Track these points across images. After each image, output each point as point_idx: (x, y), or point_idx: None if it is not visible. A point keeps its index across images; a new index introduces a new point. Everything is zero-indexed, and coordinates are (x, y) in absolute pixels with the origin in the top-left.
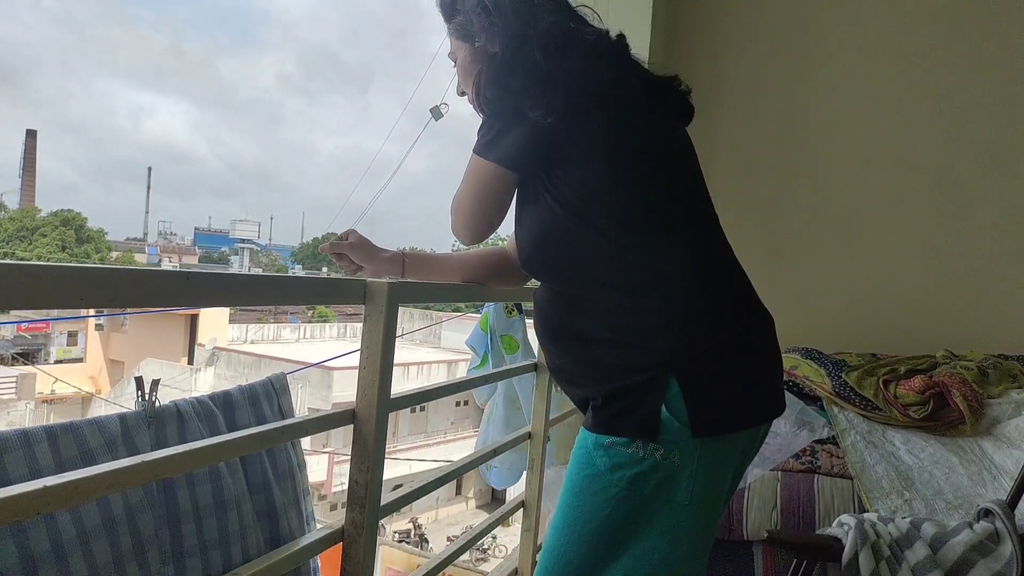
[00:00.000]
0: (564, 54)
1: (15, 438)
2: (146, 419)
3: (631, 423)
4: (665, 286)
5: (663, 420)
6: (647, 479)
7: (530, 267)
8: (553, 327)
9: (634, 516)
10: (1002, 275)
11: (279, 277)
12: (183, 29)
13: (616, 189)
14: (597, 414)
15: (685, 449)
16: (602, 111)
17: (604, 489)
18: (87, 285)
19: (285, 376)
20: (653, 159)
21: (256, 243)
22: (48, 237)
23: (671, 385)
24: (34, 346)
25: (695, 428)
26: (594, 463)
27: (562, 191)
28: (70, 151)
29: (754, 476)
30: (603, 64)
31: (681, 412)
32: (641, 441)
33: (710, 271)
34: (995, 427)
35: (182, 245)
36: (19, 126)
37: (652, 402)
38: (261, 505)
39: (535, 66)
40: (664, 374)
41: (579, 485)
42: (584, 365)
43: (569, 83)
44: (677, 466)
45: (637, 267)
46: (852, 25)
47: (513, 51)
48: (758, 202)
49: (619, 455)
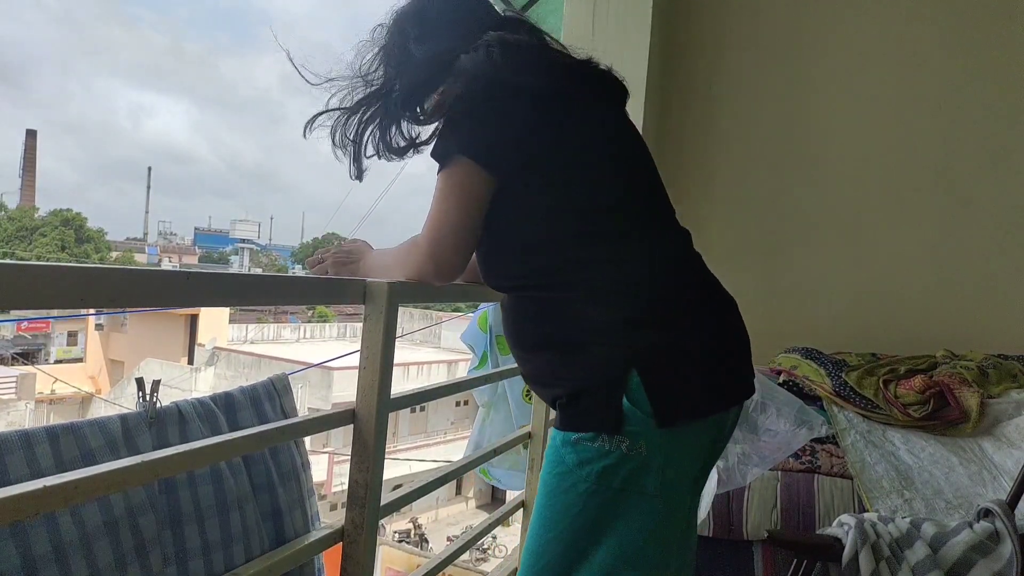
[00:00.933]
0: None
1: (16, 439)
2: (147, 420)
3: (595, 418)
4: (625, 285)
5: (626, 412)
6: (615, 472)
7: (492, 279)
8: (520, 334)
9: (607, 510)
10: (1002, 275)
11: (279, 277)
12: (183, 29)
13: (572, 196)
14: (563, 412)
15: (651, 440)
16: (566, 116)
17: (574, 485)
18: (87, 285)
19: (287, 376)
20: (607, 161)
21: (256, 243)
22: (48, 237)
23: (632, 378)
24: (34, 346)
25: (659, 418)
26: (563, 460)
27: (520, 202)
28: (70, 151)
29: (754, 476)
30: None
31: (644, 403)
32: (606, 435)
33: (668, 266)
34: (995, 427)
35: (182, 245)
36: (19, 126)
37: (615, 396)
38: (265, 505)
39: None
40: (625, 368)
41: (551, 484)
42: (551, 367)
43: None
44: (644, 457)
45: (597, 270)
46: (852, 25)
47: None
48: (758, 202)
49: (586, 450)
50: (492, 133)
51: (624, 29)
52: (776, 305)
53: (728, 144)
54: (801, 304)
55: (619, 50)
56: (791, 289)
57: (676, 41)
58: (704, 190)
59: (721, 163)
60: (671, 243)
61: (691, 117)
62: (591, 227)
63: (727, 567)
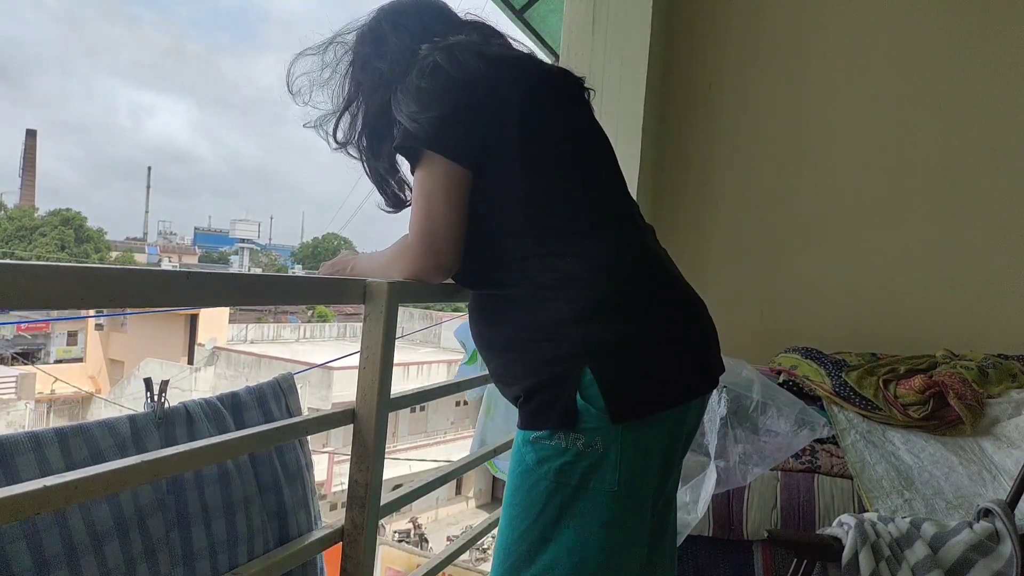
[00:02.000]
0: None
1: (26, 441)
2: (155, 420)
3: (550, 415)
4: (580, 281)
5: (580, 409)
6: (572, 469)
7: (461, 277)
8: (483, 334)
9: (566, 507)
10: (1002, 275)
11: (279, 277)
12: (184, 28)
13: (536, 189)
14: (522, 411)
15: (606, 435)
16: (512, 116)
17: (535, 484)
18: (87, 285)
19: (292, 376)
20: (574, 155)
21: (256, 243)
22: (48, 237)
23: (585, 374)
24: (34, 346)
25: (612, 414)
26: (524, 460)
27: (484, 198)
28: (71, 151)
29: (754, 475)
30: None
31: (597, 399)
32: (562, 432)
33: (625, 263)
34: (995, 427)
35: (182, 245)
36: (20, 125)
37: (568, 393)
38: (271, 506)
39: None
40: (578, 364)
41: (514, 483)
42: (511, 366)
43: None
44: (600, 453)
45: (553, 265)
46: (852, 25)
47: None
48: (758, 202)
49: (544, 448)
50: (456, 128)
51: (624, 29)
52: (776, 305)
53: (728, 144)
54: (801, 304)
55: (619, 50)
56: (791, 289)
57: (676, 41)
58: (704, 190)
59: (721, 163)
60: (625, 239)
61: (691, 117)
62: (541, 223)
63: (727, 567)
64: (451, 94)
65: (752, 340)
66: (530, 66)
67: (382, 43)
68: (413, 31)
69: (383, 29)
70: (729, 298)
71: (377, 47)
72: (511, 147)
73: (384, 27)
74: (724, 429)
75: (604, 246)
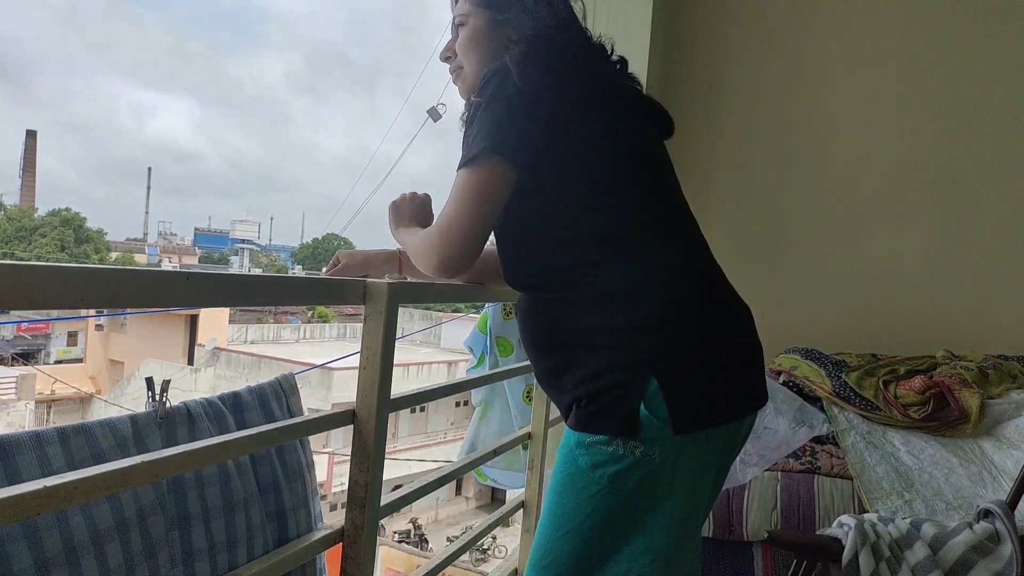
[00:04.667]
0: (559, 66)
1: (27, 440)
2: (157, 420)
3: (610, 421)
4: (644, 289)
5: (642, 418)
6: (627, 477)
7: (513, 278)
8: (537, 335)
9: (617, 514)
10: (1002, 275)
11: (279, 277)
12: (188, 27)
13: (603, 196)
14: (579, 413)
15: (665, 446)
16: (593, 121)
17: (586, 487)
18: (87, 285)
19: (293, 376)
20: (639, 166)
21: (256, 243)
22: (47, 237)
23: (650, 383)
24: (34, 346)
25: (675, 425)
26: (576, 462)
27: (545, 200)
28: (72, 151)
29: (752, 475)
30: (596, 71)
31: (660, 409)
32: (621, 439)
33: (687, 272)
34: (995, 427)
35: (182, 245)
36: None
37: (631, 401)
38: (270, 506)
39: (533, 74)
40: (643, 373)
41: (563, 484)
42: (567, 369)
43: (564, 95)
44: (657, 463)
45: (617, 272)
46: (852, 25)
47: (531, 49)
48: (758, 202)
49: (599, 453)
50: (519, 129)
51: (624, 29)
52: (776, 305)
53: (728, 144)
54: (801, 304)
55: (619, 50)
56: (791, 289)
57: (676, 41)
58: (705, 190)
59: (721, 163)
60: (690, 251)
61: (691, 117)
62: (606, 230)
63: (727, 567)
64: (514, 104)
65: None
66: (604, 72)
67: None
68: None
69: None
70: None
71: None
72: (579, 152)
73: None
74: None
75: (671, 255)
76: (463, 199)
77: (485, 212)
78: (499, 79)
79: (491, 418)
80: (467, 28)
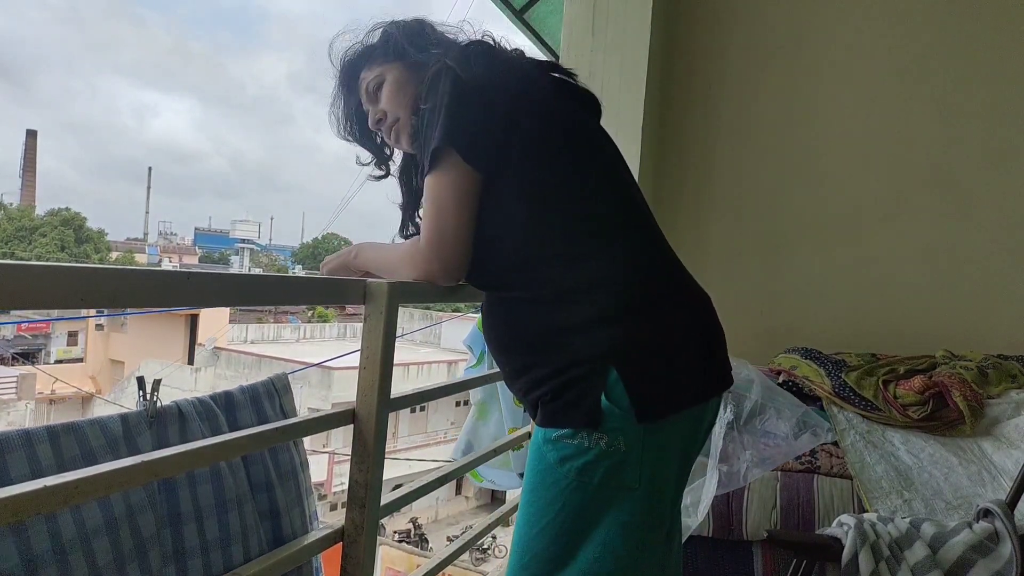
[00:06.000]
0: (498, 61)
1: (17, 438)
2: (147, 419)
3: (574, 414)
4: (602, 283)
5: (604, 409)
6: (594, 468)
7: (476, 278)
8: (502, 335)
9: (587, 506)
10: (1002, 275)
11: (279, 277)
12: (189, 27)
13: (555, 192)
14: (544, 409)
15: (629, 435)
16: (538, 115)
17: (556, 482)
18: (87, 285)
19: (287, 376)
20: (588, 160)
21: (256, 243)
22: (47, 237)
23: (610, 374)
24: (34, 346)
25: (638, 414)
26: (545, 458)
27: (499, 199)
28: (73, 151)
29: (754, 476)
30: (531, 69)
31: (622, 399)
32: (585, 431)
33: (643, 264)
34: (994, 427)
35: (182, 245)
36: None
37: (593, 392)
38: (263, 505)
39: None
40: (604, 364)
41: (533, 481)
42: (531, 368)
43: (509, 87)
44: (623, 453)
45: (576, 267)
46: (851, 25)
47: (457, 56)
48: (758, 202)
49: (566, 447)
50: (472, 128)
51: (624, 29)
52: (776, 305)
53: (728, 144)
54: (801, 304)
55: (619, 50)
56: (791, 289)
57: (676, 41)
58: (704, 190)
59: (721, 163)
60: (643, 242)
61: (691, 117)
62: (562, 226)
63: (727, 567)
64: (472, 94)
65: (752, 340)
66: (540, 71)
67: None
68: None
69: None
70: (729, 298)
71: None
72: (531, 149)
73: (400, 38)
74: (731, 433)
75: (627, 249)
76: (443, 207)
77: (464, 213)
78: (444, 78)
79: (491, 418)
80: (388, 83)
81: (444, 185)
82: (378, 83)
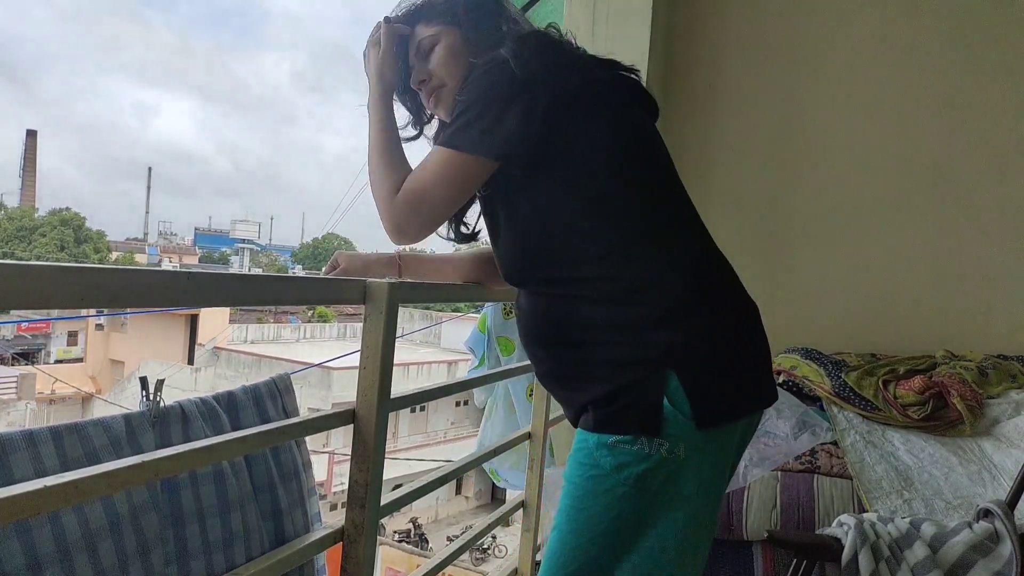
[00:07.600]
0: (557, 55)
1: (20, 439)
2: (150, 419)
3: (634, 420)
4: (660, 282)
5: (666, 414)
6: (654, 475)
7: (518, 274)
8: (543, 332)
9: (641, 514)
10: (1002, 275)
11: (279, 277)
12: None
13: (612, 190)
14: (598, 413)
15: (689, 442)
16: (596, 112)
17: (611, 489)
18: (87, 285)
19: (288, 376)
20: (645, 159)
21: (256, 243)
22: (47, 237)
23: (671, 379)
24: (34, 346)
25: (699, 420)
26: (598, 463)
27: (552, 198)
28: (74, 151)
29: (754, 476)
30: (592, 65)
31: (684, 405)
32: (645, 437)
33: (701, 265)
34: (994, 427)
35: (182, 245)
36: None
37: (653, 397)
38: (266, 505)
39: (532, 63)
40: (663, 368)
41: (583, 487)
42: (580, 367)
43: (564, 83)
44: (682, 460)
45: (631, 266)
46: (852, 25)
47: (513, 47)
48: (758, 202)
49: (624, 453)
50: (511, 128)
51: (624, 29)
52: (776, 305)
53: (728, 144)
54: (801, 304)
55: (619, 50)
56: (791, 289)
57: (676, 41)
58: (704, 189)
59: (721, 163)
60: (700, 245)
61: (691, 117)
62: (617, 224)
63: (727, 567)
64: (509, 98)
65: None
66: (604, 69)
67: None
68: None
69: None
70: None
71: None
72: (587, 149)
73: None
74: None
75: (682, 249)
76: (444, 181)
77: (458, 200)
78: (495, 71)
79: (495, 418)
80: (442, 46)
81: (456, 166)
82: (432, 43)
